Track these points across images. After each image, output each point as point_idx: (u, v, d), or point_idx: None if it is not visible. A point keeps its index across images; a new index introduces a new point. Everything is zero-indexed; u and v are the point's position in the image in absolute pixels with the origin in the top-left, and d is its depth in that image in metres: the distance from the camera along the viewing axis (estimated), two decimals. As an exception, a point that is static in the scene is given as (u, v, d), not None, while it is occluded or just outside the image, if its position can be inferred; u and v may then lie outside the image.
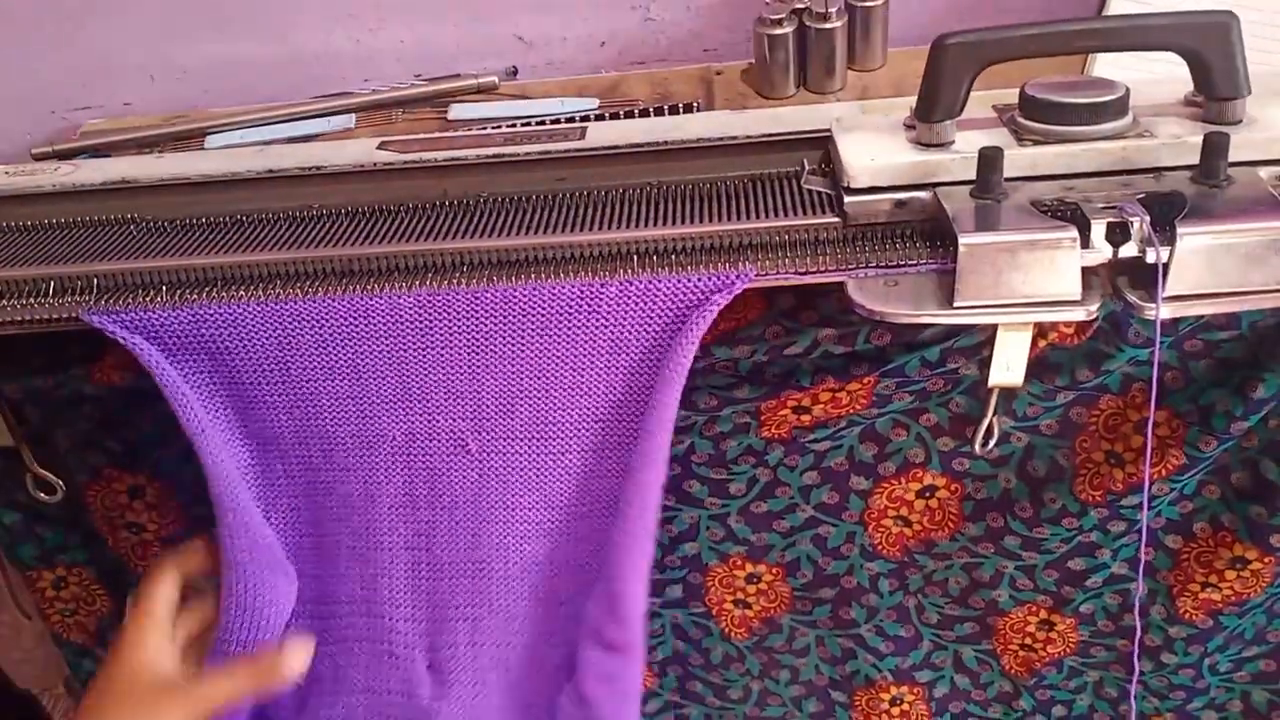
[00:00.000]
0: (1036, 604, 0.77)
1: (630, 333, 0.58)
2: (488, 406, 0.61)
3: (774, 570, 0.77)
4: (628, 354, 0.59)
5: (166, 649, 0.62)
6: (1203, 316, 0.62)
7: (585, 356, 0.59)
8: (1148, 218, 0.52)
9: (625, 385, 0.59)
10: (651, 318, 0.58)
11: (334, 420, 0.62)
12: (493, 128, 0.81)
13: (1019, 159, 0.56)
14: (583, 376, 0.60)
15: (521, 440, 0.62)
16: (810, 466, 0.71)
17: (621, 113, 0.83)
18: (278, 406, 0.62)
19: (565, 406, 0.60)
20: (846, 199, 0.57)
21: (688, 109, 0.83)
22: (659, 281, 0.57)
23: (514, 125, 0.83)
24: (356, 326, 0.59)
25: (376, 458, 0.62)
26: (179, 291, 0.60)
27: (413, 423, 0.61)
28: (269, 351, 0.60)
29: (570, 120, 0.84)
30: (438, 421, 0.61)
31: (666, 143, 0.64)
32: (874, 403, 0.67)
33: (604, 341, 0.58)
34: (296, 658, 0.62)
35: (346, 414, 0.62)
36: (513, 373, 0.60)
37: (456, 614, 0.65)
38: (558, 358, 0.59)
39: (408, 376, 0.60)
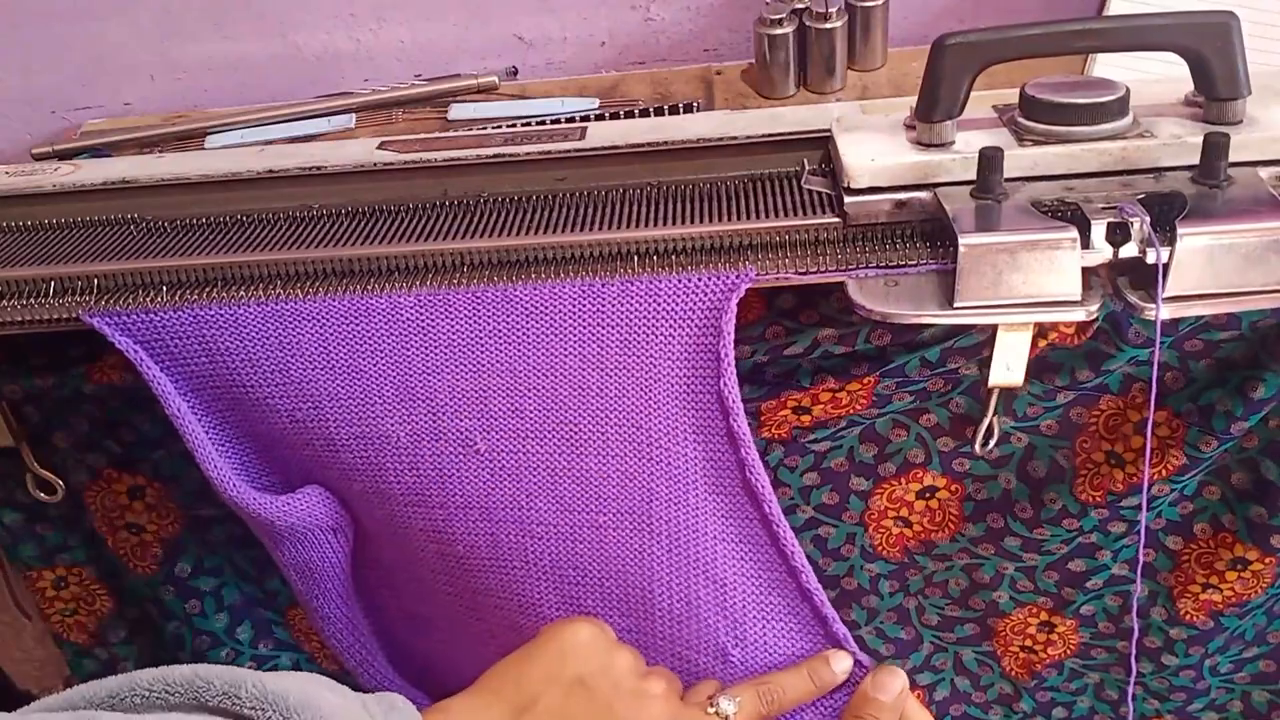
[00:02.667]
0: (1037, 605, 0.77)
1: (633, 333, 0.58)
2: (494, 406, 0.60)
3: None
4: (631, 355, 0.58)
5: None
6: (1203, 316, 0.62)
7: (588, 357, 0.59)
8: (1148, 218, 0.52)
9: (631, 387, 0.59)
10: (653, 318, 0.58)
11: (336, 421, 0.61)
12: (493, 128, 0.81)
13: (1019, 159, 0.56)
14: (587, 378, 0.59)
15: (532, 440, 0.61)
16: (810, 467, 0.71)
17: (621, 113, 0.83)
18: (279, 408, 0.62)
19: (572, 407, 0.60)
20: (846, 199, 0.57)
21: (688, 109, 0.83)
22: (660, 281, 0.57)
23: (514, 125, 0.83)
24: (357, 327, 0.59)
25: (382, 458, 0.62)
26: (179, 292, 0.60)
27: (417, 423, 0.61)
28: (269, 352, 0.60)
29: (570, 120, 0.84)
30: (443, 421, 0.61)
31: (666, 143, 0.64)
32: (874, 403, 0.67)
33: (607, 342, 0.58)
34: (842, 662, 0.60)
35: (349, 415, 0.61)
36: (517, 373, 0.60)
37: (488, 601, 0.64)
38: (560, 359, 0.59)
39: (410, 377, 0.60)
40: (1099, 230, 0.53)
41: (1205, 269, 0.52)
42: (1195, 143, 0.55)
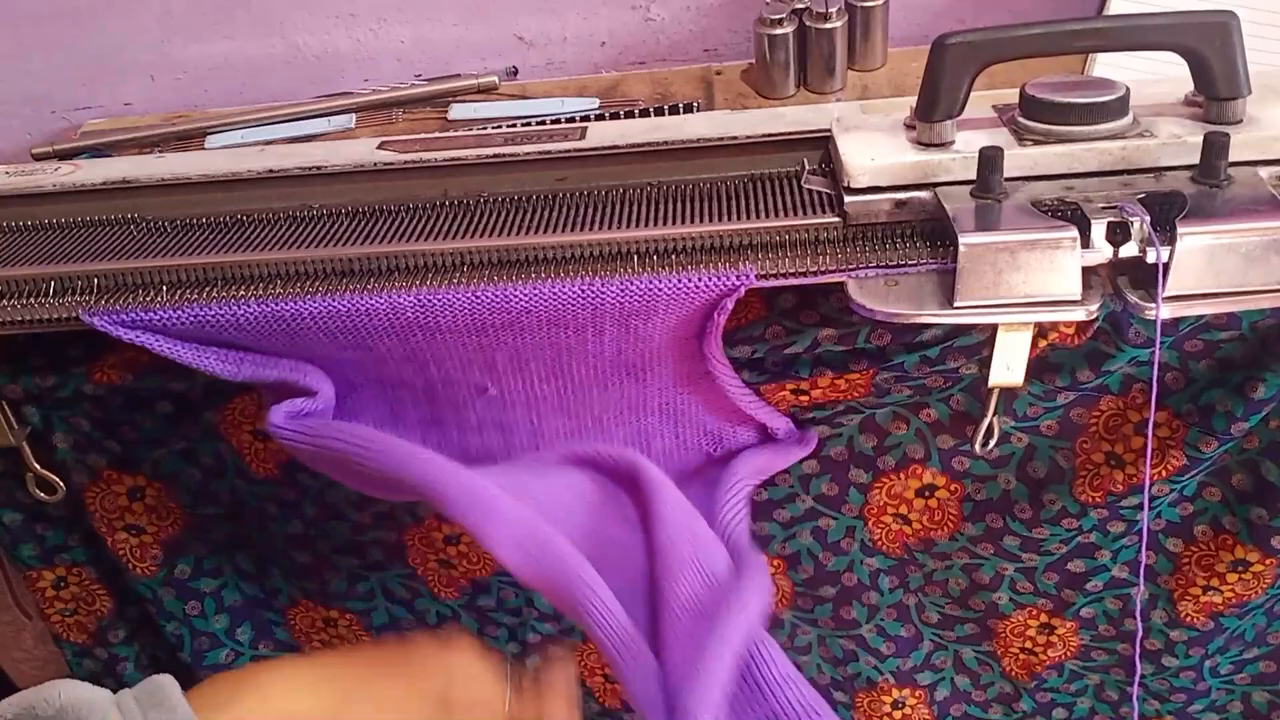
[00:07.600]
0: (1036, 608, 0.77)
1: (635, 334, 0.58)
2: (500, 363, 0.63)
3: (775, 563, 0.77)
4: (633, 355, 0.58)
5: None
6: (1203, 316, 0.62)
7: (592, 357, 0.59)
8: (1148, 217, 0.52)
9: (635, 387, 0.59)
10: (654, 318, 0.58)
11: (349, 373, 0.63)
12: (493, 128, 0.81)
13: (1019, 159, 0.56)
14: (592, 378, 0.60)
15: (539, 384, 0.64)
16: (809, 454, 0.70)
17: (621, 113, 0.83)
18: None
19: (583, 406, 0.60)
20: (847, 199, 0.57)
21: (688, 109, 0.83)
22: (659, 281, 0.57)
23: (514, 125, 0.83)
24: (359, 324, 0.59)
25: (399, 394, 0.65)
26: (179, 291, 0.60)
27: (429, 375, 0.64)
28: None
29: (570, 120, 0.84)
30: (453, 373, 0.63)
31: (666, 143, 0.64)
32: (873, 391, 0.66)
33: (610, 342, 0.58)
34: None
35: (362, 371, 0.63)
36: (522, 363, 0.60)
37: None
38: (564, 357, 0.59)
39: (417, 351, 0.61)
40: (1099, 230, 0.53)
41: (1205, 269, 0.52)
42: (1195, 142, 0.55)
